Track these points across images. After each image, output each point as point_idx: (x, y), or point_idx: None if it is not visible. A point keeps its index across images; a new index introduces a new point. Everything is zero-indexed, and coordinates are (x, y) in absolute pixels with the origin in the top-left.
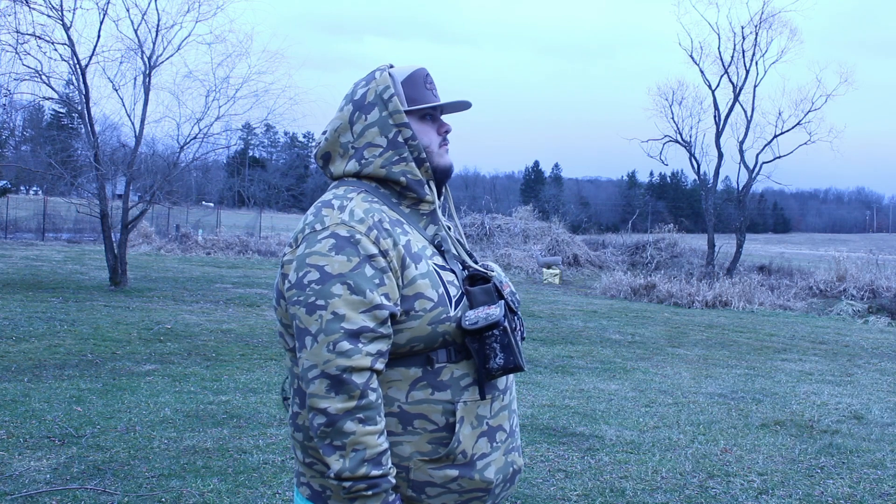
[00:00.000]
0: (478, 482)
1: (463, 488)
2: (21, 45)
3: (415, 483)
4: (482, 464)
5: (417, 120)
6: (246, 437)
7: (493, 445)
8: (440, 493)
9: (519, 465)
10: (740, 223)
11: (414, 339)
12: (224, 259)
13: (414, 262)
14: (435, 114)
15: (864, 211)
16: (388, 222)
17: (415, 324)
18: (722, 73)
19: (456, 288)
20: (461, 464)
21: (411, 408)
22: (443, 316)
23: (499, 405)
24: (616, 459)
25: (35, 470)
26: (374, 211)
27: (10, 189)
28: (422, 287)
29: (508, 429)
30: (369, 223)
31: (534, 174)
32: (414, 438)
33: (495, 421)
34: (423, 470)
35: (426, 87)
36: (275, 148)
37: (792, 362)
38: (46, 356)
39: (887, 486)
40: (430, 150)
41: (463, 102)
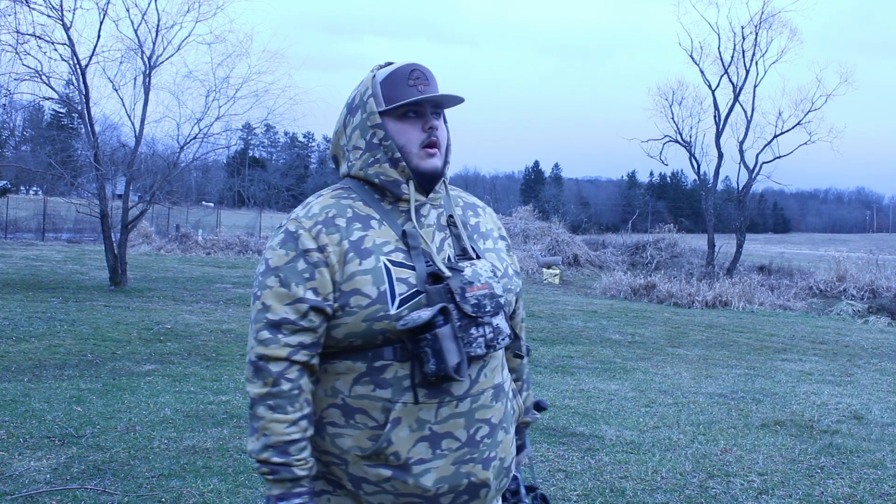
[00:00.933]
0: (412, 487)
1: (398, 490)
2: (21, 45)
3: (353, 477)
4: (419, 469)
5: (396, 119)
6: (246, 437)
7: (435, 452)
8: (376, 492)
9: (483, 479)
10: (740, 223)
11: (350, 334)
12: (224, 259)
13: (359, 258)
14: (420, 110)
15: (864, 211)
16: (348, 218)
17: (349, 319)
18: (722, 73)
19: (407, 286)
20: (394, 465)
21: (353, 401)
22: (379, 313)
23: (448, 411)
24: (616, 459)
25: (35, 470)
26: (334, 207)
27: (10, 189)
28: (360, 283)
29: (464, 438)
30: (318, 219)
31: (534, 174)
32: (355, 433)
33: (442, 427)
34: (360, 465)
35: (408, 85)
36: (275, 148)
37: (792, 362)
38: (46, 356)
39: (887, 486)
40: (406, 151)
41: (446, 96)
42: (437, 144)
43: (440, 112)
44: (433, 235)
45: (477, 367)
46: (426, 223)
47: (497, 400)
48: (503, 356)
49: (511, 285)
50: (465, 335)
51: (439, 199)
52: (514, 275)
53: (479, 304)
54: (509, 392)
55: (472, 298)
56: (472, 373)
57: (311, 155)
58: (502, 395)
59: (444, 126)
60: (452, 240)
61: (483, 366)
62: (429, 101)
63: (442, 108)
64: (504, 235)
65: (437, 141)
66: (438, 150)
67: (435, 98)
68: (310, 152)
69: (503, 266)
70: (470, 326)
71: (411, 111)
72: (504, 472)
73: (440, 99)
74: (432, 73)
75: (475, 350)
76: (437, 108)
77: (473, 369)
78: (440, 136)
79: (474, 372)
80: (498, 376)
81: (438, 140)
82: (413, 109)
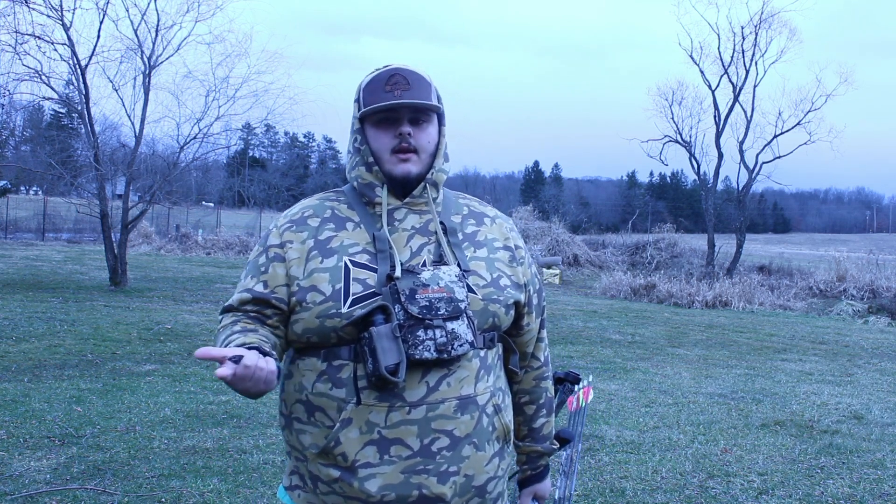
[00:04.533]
0: (356, 491)
1: (345, 492)
2: (21, 45)
3: (311, 475)
4: (365, 473)
5: (373, 125)
6: (246, 437)
7: (383, 458)
8: (328, 492)
9: (437, 493)
10: (740, 223)
11: (307, 330)
12: (224, 259)
13: (322, 256)
14: (395, 115)
15: (864, 211)
16: (324, 218)
17: (305, 315)
18: (722, 73)
19: (364, 286)
20: (342, 466)
21: (315, 399)
22: (331, 311)
23: (399, 417)
24: (616, 459)
25: (35, 470)
26: (314, 207)
27: (10, 189)
28: (317, 280)
29: (416, 447)
30: (293, 217)
31: (534, 174)
32: (314, 430)
33: (391, 433)
34: (315, 463)
35: (384, 90)
36: (275, 148)
37: (792, 362)
38: (46, 356)
39: (887, 486)
40: (378, 156)
41: (409, 103)
42: (412, 149)
43: (424, 118)
44: (408, 240)
45: (438, 374)
46: (401, 227)
47: (463, 412)
48: (484, 368)
49: (499, 295)
50: (410, 336)
51: (422, 203)
52: (509, 286)
53: (431, 307)
54: (488, 407)
55: (423, 300)
56: (431, 380)
57: (311, 155)
58: (472, 409)
59: (432, 131)
60: (434, 246)
61: (446, 374)
62: (403, 107)
63: (422, 112)
64: (511, 246)
65: (409, 146)
66: (417, 154)
67: (396, 104)
68: (310, 152)
69: (492, 276)
70: (417, 328)
71: (385, 117)
72: (474, 492)
73: (401, 105)
74: (420, 76)
75: (421, 353)
76: (416, 112)
77: (433, 377)
78: (420, 141)
79: (433, 380)
80: (468, 388)
81: (416, 145)
82: (385, 115)
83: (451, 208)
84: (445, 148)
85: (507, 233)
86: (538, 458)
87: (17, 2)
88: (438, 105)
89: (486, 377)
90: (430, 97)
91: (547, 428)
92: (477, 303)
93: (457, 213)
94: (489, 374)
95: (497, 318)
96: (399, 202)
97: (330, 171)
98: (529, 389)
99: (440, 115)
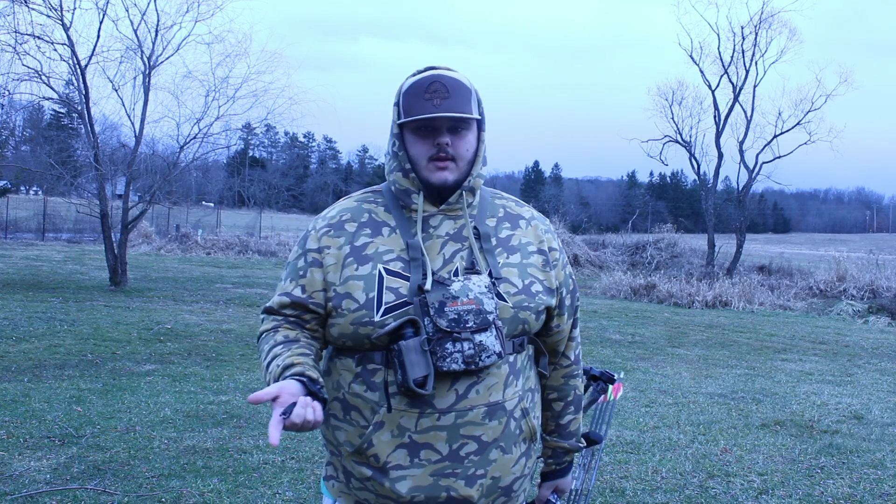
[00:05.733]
0: (387, 490)
1: (376, 491)
2: (20, 45)
3: (345, 470)
4: (396, 475)
5: (411, 131)
6: (246, 437)
7: (413, 461)
8: (360, 488)
9: (464, 496)
10: (740, 223)
11: (342, 335)
12: (224, 259)
13: (357, 263)
14: (433, 124)
15: (864, 211)
16: (361, 223)
17: (341, 321)
18: (722, 73)
19: (396, 296)
20: (374, 467)
21: (351, 398)
22: (364, 319)
23: (429, 423)
24: (616, 459)
25: (35, 470)
26: (352, 210)
27: (10, 189)
28: (352, 287)
29: (445, 452)
30: (330, 221)
31: (534, 174)
32: (349, 428)
33: (422, 437)
34: (350, 460)
35: (424, 98)
36: (275, 148)
37: (792, 362)
38: (46, 356)
39: (887, 486)
40: (416, 163)
41: (448, 116)
42: (450, 158)
43: (463, 126)
44: (441, 247)
45: (467, 383)
46: (435, 234)
47: (492, 418)
48: (513, 373)
49: (530, 302)
50: (438, 349)
51: (458, 209)
52: (541, 292)
53: (459, 320)
54: (516, 412)
55: (452, 313)
56: (460, 388)
57: (311, 155)
58: (500, 414)
59: (471, 138)
60: (467, 252)
61: (475, 382)
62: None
63: (461, 121)
64: (545, 249)
65: (446, 155)
66: (454, 162)
67: (434, 118)
68: (310, 152)
69: (524, 282)
70: (445, 341)
71: (424, 125)
72: (500, 492)
73: (439, 120)
74: (461, 83)
75: (449, 366)
76: (456, 122)
77: (462, 385)
78: (459, 150)
79: (462, 388)
80: (497, 395)
81: (455, 154)
82: (425, 124)
83: (486, 210)
84: (484, 153)
85: (543, 235)
86: (563, 454)
87: (17, 2)
88: (478, 118)
89: (515, 382)
90: (469, 106)
91: (574, 425)
92: (507, 310)
93: (492, 216)
94: (518, 378)
95: (527, 325)
96: (435, 209)
97: (330, 171)
98: (558, 386)
99: (479, 122)
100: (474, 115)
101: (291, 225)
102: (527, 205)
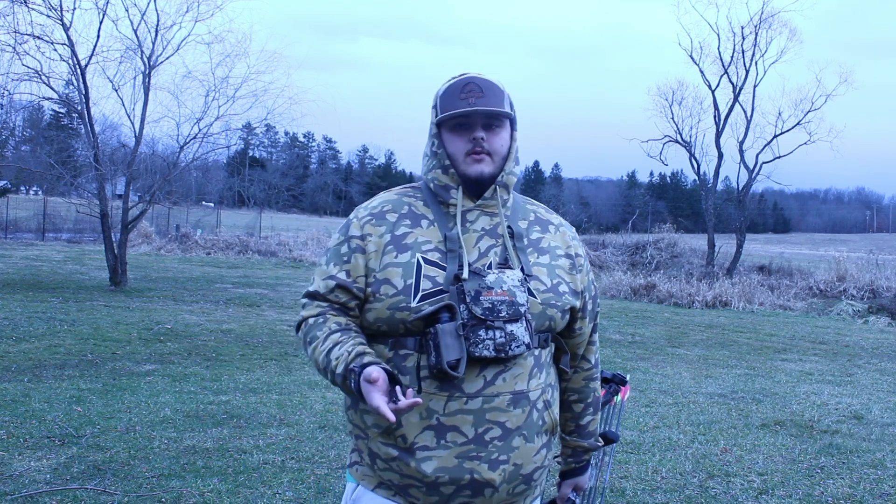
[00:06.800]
0: (413, 470)
1: (401, 471)
2: (20, 45)
3: (371, 451)
4: (422, 455)
5: (449, 130)
6: (246, 437)
7: (440, 442)
8: (385, 469)
9: (487, 479)
10: (740, 223)
11: (378, 319)
12: (224, 259)
13: (397, 251)
14: (469, 121)
15: (864, 211)
16: (402, 214)
17: (378, 305)
18: (722, 73)
19: (433, 283)
20: (401, 447)
21: None
22: (401, 304)
23: (457, 406)
24: (616, 459)
25: (35, 470)
26: (393, 202)
27: (10, 189)
28: (391, 274)
29: (471, 435)
30: (373, 210)
31: (534, 174)
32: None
33: (449, 420)
34: (376, 442)
35: (460, 98)
36: (275, 148)
37: (792, 362)
38: (46, 356)
39: (887, 486)
40: (454, 158)
41: (483, 110)
42: (485, 152)
43: (497, 123)
44: (477, 240)
45: (495, 370)
46: (472, 228)
47: (515, 406)
48: (538, 366)
49: (557, 301)
50: (472, 335)
51: (493, 206)
52: (567, 293)
53: (493, 309)
54: (539, 403)
55: (486, 302)
56: (488, 375)
57: (311, 155)
58: (524, 403)
59: (505, 135)
60: (501, 249)
61: (502, 370)
62: (477, 113)
63: (495, 118)
64: (572, 255)
65: (482, 149)
66: (490, 157)
67: (467, 113)
68: (310, 152)
69: (552, 282)
70: (479, 328)
71: (460, 122)
72: (521, 479)
73: (475, 112)
74: (494, 84)
75: (481, 352)
76: (489, 118)
77: (490, 372)
78: (494, 145)
79: (490, 374)
80: (522, 384)
81: (490, 148)
82: (460, 121)
83: (518, 213)
84: (517, 152)
85: (570, 241)
86: (583, 453)
87: (17, 2)
88: (510, 112)
89: (539, 374)
90: (502, 104)
91: (593, 425)
92: (536, 306)
93: (524, 219)
94: (542, 371)
95: (553, 322)
96: (472, 203)
97: (330, 171)
98: (579, 389)
99: (512, 121)
100: (506, 110)
101: (291, 225)
102: (555, 213)
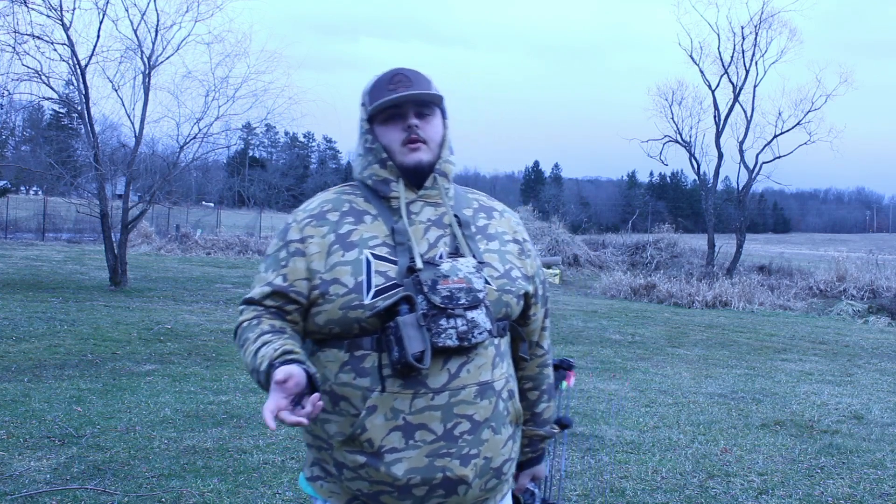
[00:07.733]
0: (383, 475)
1: (371, 477)
2: (20, 45)
3: (336, 462)
4: (391, 458)
5: (381, 123)
6: (246, 437)
7: (408, 443)
8: (354, 478)
9: (460, 475)
10: (740, 223)
11: (329, 321)
12: (224, 259)
13: (343, 250)
14: (400, 111)
15: (864, 211)
16: (343, 212)
17: (328, 307)
18: (722, 73)
19: (385, 279)
20: (368, 452)
21: (338, 389)
22: (354, 303)
23: (423, 403)
24: (616, 459)
25: (35, 470)
26: (333, 201)
27: (10, 189)
28: (340, 273)
29: (440, 431)
30: (312, 212)
31: (534, 174)
32: (339, 419)
33: (416, 418)
34: (341, 451)
35: (388, 89)
36: (275, 148)
37: (792, 362)
38: (46, 356)
39: (887, 486)
40: (390, 150)
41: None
42: (421, 140)
43: (428, 111)
44: (424, 232)
45: (458, 362)
46: (417, 220)
47: (482, 398)
48: (499, 355)
49: (511, 286)
50: (433, 325)
51: (435, 196)
52: (520, 277)
53: (452, 297)
54: (503, 392)
55: (444, 290)
56: (452, 367)
57: (311, 155)
58: (490, 394)
59: (437, 122)
60: (450, 238)
61: (466, 361)
62: (406, 101)
63: (425, 106)
64: (519, 239)
65: (418, 137)
66: (426, 144)
67: (398, 99)
68: (310, 152)
69: (504, 268)
70: (439, 317)
71: (392, 113)
72: (492, 473)
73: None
74: (421, 73)
75: (444, 341)
76: (420, 106)
77: (453, 364)
78: (428, 132)
79: (454, 367)
80: (486, 374)
81: (424, 136)
82: (392, 112)
83: (462, 202)
84: (449, 141)
85: (515, 226)
86: (539, 441)
87: (17, 2)
88: (441, 95)
89: (501, 364)
90: (431, 89)
91: (548, 412)
92: (492, 293)
93: (468, 207)
94: (503, 360)
95: (509, 308)
96: (414, 195)
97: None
98: (533, 376)
99: (443, 110)
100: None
101: None
102: (496, 199)
